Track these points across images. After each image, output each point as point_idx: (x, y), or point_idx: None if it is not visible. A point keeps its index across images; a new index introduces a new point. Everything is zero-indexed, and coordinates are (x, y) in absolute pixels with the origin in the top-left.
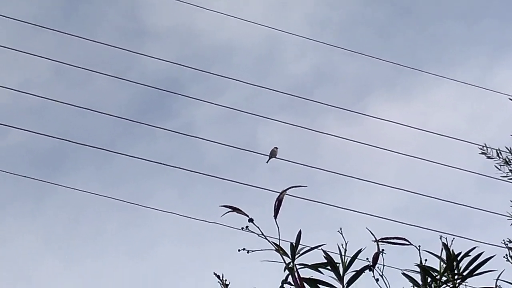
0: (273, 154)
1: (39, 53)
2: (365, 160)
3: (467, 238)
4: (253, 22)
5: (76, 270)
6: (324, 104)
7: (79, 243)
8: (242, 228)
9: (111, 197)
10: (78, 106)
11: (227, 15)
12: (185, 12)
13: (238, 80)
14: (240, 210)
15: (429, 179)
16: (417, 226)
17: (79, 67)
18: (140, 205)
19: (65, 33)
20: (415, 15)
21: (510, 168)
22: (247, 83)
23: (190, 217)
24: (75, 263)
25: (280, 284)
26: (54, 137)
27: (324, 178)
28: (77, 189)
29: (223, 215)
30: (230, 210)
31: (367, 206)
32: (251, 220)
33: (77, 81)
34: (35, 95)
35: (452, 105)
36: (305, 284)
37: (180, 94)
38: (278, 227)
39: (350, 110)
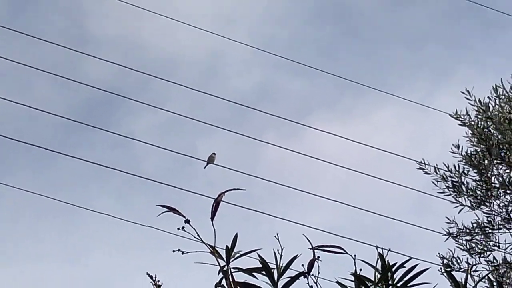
0: (211, 160)
1: None
2: (304, 174)
3: (402, 254)
4: (202, 28)
5: (9, 272)
6: (264, 112)
7: (14, 245)
8: (178, 229)
9: (48, 197)
10: (17, 103)
11: (176, 19)
12: (130, 22)
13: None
14: (177, 211)
15: (368, 197)
16: (354, 240)
17: (20, 63)
18: (76, 206)
19: (8, 29)
20: (360, 37)
21: (446, 185)
22: (193, 89)
23: (125, 220)
24: (7, 265)
25: (214, 287)
26: None
27: (263, 188)
28: (15, 187)
29: (159, 214)
30: (167, 210)
31: (306, 220)
32: (187, 221)
33: (18, 85)
34: None
35: (393, 126)
36: None
37: (126, 98)
38: (214, 230)
39: (290, 120)
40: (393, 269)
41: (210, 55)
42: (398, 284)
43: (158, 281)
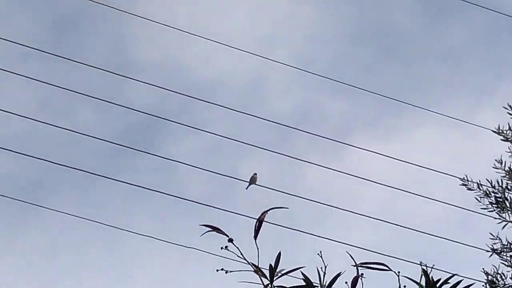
0: (253, 181)
1: (24, 82)
2: (346, 194)
3: (446, 271)
4: (242, 50)
5: None
6: (305, 132)
7: (58, 270)
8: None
9: (92, 220)
10: (62, 128)
11: (216, 41)
12: (171, 47)
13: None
14: (220, 230)
15: (410, 215)
16: (397, 258)
17: (62, 88)
18: (119, 228)
19: (51, 54)
20: (400, 56)
21: (490, 200)
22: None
23: (167, 241)
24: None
25: None
26: (37, 158)
27: (305, 209)
28: (57, 211)
29: (203, 234)
30: (210, 229)
31: (348, 239)
32: (230, 240)
33: (61, 112)
34: (25, 117)
35: (434, 144)
36: None
37: (170, 120)
38: (257, 248)
39: (332, 139)
40: (438, 285)
41: (251, 78)
42: None
43: None
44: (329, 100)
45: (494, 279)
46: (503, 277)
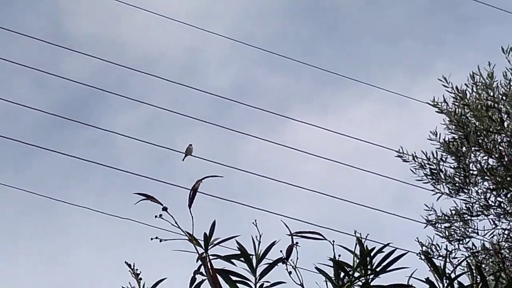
0: (188, 152)
1: None
2: (283, 167)
3: (381, 243)
4: (180, 22)
5: None
6: (243, 104)
7: None
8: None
9: (28, 191)
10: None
11: (154, 13)
12: (107, 20)
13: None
14: (154, 198)
15: (347, 188)
16: (333, 230)
17: (4, 59)
18: (55, 199)
19: None
20: (337, 33)
21: (425, 172)
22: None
23: (103, 212)
24: None
25: (193, 274)
26: None
27: (242, 182)
28: None
29: (137, 202)
30: (144, 198)
31: (285, 212)
32: (165, 209)
33: None
34: None
35: (371, 120)
36: (217, 275)
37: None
38: (192, 217)
39: (269, 111)
40: (372, 254)
41: (188, 52)
42: (377, 269)
43: (137, 269)
44: (266, 75)
45: (429, 250)
46: (438, 248)
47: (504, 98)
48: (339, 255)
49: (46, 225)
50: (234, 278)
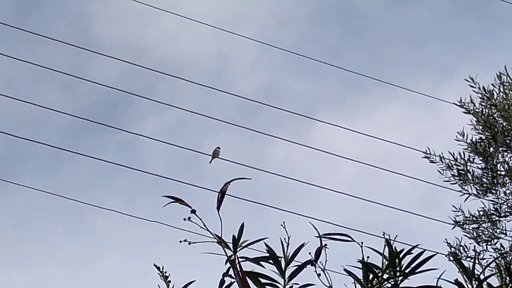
0: (215, 154)
1: None
2: (311, 171)
3: (410, 244)
4: (210, 25)
5: (18, 278)
6: (271, 107)
7: (23, 250)
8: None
9: (58, 195)
10: (30, 103)
11: (184, 16)
12: (135, 26)
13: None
14: (182, 201)
15: (375, 191)
16: (362, 231)
17: (28, 62)
18: (84, 203)
19: (19, 29)
20: (364, 37)
21: (452, 173)
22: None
23: (131, 215)
24: (17, 271)
25: (221, 277)
26: (9, 134)
27: (270, 185)
28: (25, 186)
29: (165, 205)
30: (172, 200)
31: (313, 213)
32: (193, 211)
33: (24, 89)
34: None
35: (398, 123)
36: (246, 278)
37: (142, 96)
38: (220, 219)
39: (298, 114)
40: (401, 255)
41: (215, 57)
42: (406, 271)
43: (166, 272)
44: (293, 79)
45: (457, 251)
46: (466, 249)
47: None
48: (368, 257)
49: (76, 229)
50: (263, 280)
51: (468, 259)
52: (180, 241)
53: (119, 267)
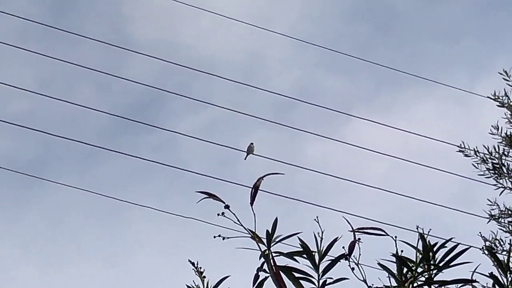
0: (250, 150)
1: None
2: (346, 167)
3: (444, 239)
4: (244, 22)
5: (53, 277)
6: (307, 103)
7: (58, 250)
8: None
9: (94, 192)
10: (69, 102)
11: (216, 16)
12: (169, 25)
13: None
14: (216, 196)
15: (410, 186)
16: (396, 226)
17: (65, 61)
18: (120, 200)
19: (56, 28)
20: (396, 33)
21: (487, 167)
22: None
23: (166, 212)
24: (52, 270)
25: (256, 272)
26: (46, 133)
27: (305, 181)
28: (62, 183)
29: (199, 201)
30: (206, 196)
31: (347, 208)
32: (227, 207)
33: (61, 91)
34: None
35: (433, 119)
36: (280, 272)
37: (180, 95)
38: (254, 214)
39: (333, 110)
40: (435, 249)
41: (249, 55)
42: (440, 264)
43: (200, 267)
44: (327, 76)
45: (493, 245)
46: (502, 243)
47: None
48: (402, 251)
49: (112, 227)
50: (296, 274)
51: (504, 253)
52: (214, 236)
53: (154, 264)
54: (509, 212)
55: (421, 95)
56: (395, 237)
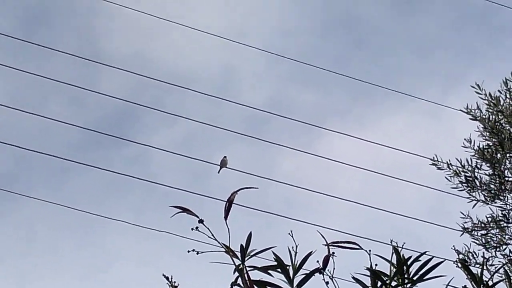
0: (223, 164)
1: None
2: (319, 181)
3: (418, 251)
4: (217, 35)
5: None
6: (281, 116)
7: (32, 264)
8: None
9: (69, 207)
10: (37, 115)
11: (190, 31)
12: (142, 39)
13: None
14: (190, 211)
15: (382, 199)
16: (369, 239)
17: (36, 75)
18: (94, 214)
19: (28, 42)
20: (370, 47)
21: (460, 180)
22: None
23: (140, 226)
24: (28, 284)
25: (230, 286)
26: (18, 147)
27: (278, 196)
28: (34, 198)
29: (173, 215)
30: (180, 210)
31: (320, 221)
32: (201, 221)
33: (33, 105)
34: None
35: (405, 132)
36: (254, 286)
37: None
38: (228, 229)
39: (306, 123)
40: (409, 262)
41: (222, 69)
42: (414, 278)
43: (175, 282)
44: (300, 90)
45: (466, 257)
46: (475, 256)
47: None
48: (376, 265)
49: (85, 240)
50: None
51: (477, 265)
52: (189, 251)
53: (130, 277)
54: (482, 225)
55: (395, 108)
56: (369, 250)
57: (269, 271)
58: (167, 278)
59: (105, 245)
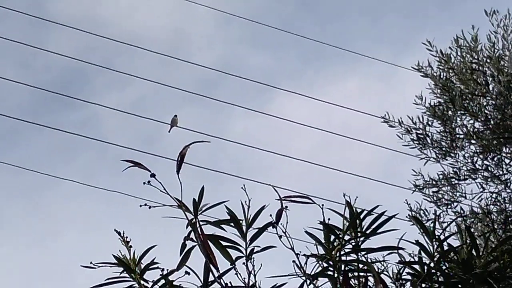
0: (174, 123)
1: None
2: (271, 142)
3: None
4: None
5: None
6: (234, 76)
7: None
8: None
9: (19, 166)
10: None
11: None
12: (90, 1)
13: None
14: (142, 165)
15: (335, 160)
16: (323, 198)
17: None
18: (44, 173)
19: None
20: (321, 8)
21: (411, 137)
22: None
23: (90, 185)
24: None
25: (183, 241)
26: None
27: (231, 154)
28: None
29: (125, 169)
30: (132, 164)
31: (275, 182)
32: (153, 175)
33: None
34: None
35: (358, 95)
36: (208, 241)
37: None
38: (180, 183)
39: (259, 82)
40: (361, 216)
41: (172, 32)
42: (367, 232)
43: (127, 237)
44: (251, 52)
45: (417, 214)
46: (426, 213)
47: (488, 60)
48: (329, 219)
49: (34, 204)
50: (224, 243)
51: (429, 222)
52: (141, 205)
53: (83, 240)
54: (433, 182)
55: (347, 70)
56: (322, 205)
57: (222, 226)
58: (119, 233)
59: (55, 209)
